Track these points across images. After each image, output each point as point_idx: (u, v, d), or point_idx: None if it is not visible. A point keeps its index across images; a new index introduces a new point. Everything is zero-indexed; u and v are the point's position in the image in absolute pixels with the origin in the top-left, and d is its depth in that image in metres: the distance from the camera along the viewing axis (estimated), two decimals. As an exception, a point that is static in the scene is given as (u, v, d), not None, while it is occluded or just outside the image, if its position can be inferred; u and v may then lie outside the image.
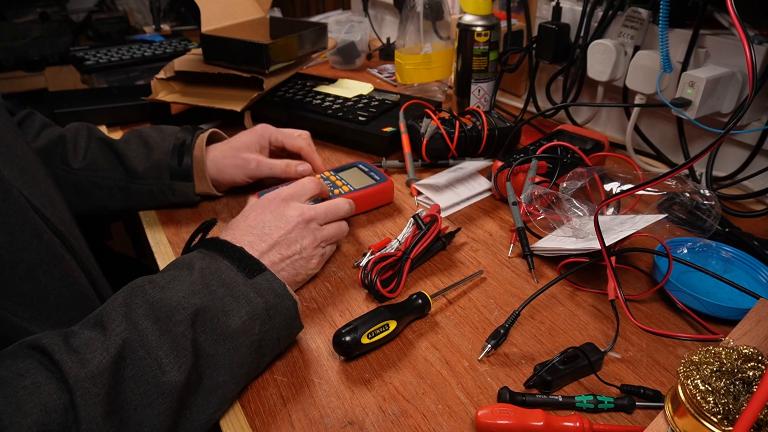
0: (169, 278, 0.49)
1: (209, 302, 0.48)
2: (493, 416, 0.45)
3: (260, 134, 0.79)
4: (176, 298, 0.47)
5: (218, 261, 0.52)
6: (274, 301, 0.51)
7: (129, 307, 0.45)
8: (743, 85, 0.74)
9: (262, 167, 0.76)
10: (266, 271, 0.52)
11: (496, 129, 0.86)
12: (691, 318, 0.57)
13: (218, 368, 0.47)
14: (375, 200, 0.77)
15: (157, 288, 0.47)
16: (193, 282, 0.49)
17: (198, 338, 0.46)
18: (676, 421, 0.37)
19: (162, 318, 0.45)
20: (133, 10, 1.91)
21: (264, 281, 0.51)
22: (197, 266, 0.51)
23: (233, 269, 0.51)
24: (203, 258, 0.52)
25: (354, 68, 1.36)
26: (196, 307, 0.47)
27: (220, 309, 0.48)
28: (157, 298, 0.46)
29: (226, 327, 0.48)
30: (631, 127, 0.86)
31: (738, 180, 0.79)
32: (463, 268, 0.66)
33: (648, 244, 0.67)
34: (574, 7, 0.94)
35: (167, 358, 0.44)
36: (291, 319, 0.52)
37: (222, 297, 0.49)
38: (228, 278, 0.50)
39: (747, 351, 0.37)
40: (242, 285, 0.50)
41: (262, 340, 0.50)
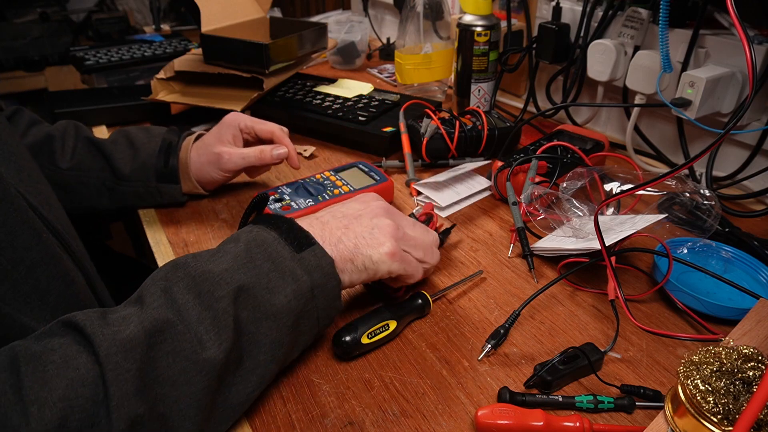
0: (215, 251, 0.48)
1: (253, 278, 0.46)
2: (493, 416, 0.45)
3: (229, 123, 0.76)
4: (218, 271, 0.45)
5: (265, 232, 0.50)
6: (320, 280, 0.49)
7: (169, 281, 0.44)
8: (743, 85, 0.74)
9: (234, 158, 0.73)
10: (315, 245, 0.50)
11: (496, 129, 0.86)
12: (691, 318, 0.57)
13: (259, 346, 0.46)
14: (375, 200, 0.77)
15: (200, 261, 0.46)
16: (238, 255, 0.47)
17: (240, 315, 0.45)
18: (676, 421, 0.37)
19: (203, 292, 0.44)
20: (133, 10, 1.91)
21: (312, 257, 0.49)
22: (243, 239, 0.49)
23: (281, 241, 0.49)
24: (251, 230, 0.50)
25: (354, 68, 1.36)
26: (240, 282, 0.45)
27: (265, 285, 0.46)
28: (199, 272, 0.45)
29: (270, 305, 0.46)
30: (631, 127, 0.86)
31: (738, 180, 0.79)
32: (463, 268, 0.66)
33: (648, 244, 0.67)
34: (574, 7, 0.94)
35: (207, 334, 0.42)
36: (333, 299, 0.51)
37: (267, 272, 0.47)
38: (274, 251, 0.48)
39: (747, 351, 0.37)
40: (289, 260, 0.48)
41: (302, 318, 0.48)
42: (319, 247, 0.50)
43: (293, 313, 0.47)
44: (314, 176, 0.78)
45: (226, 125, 0.76)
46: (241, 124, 0.76)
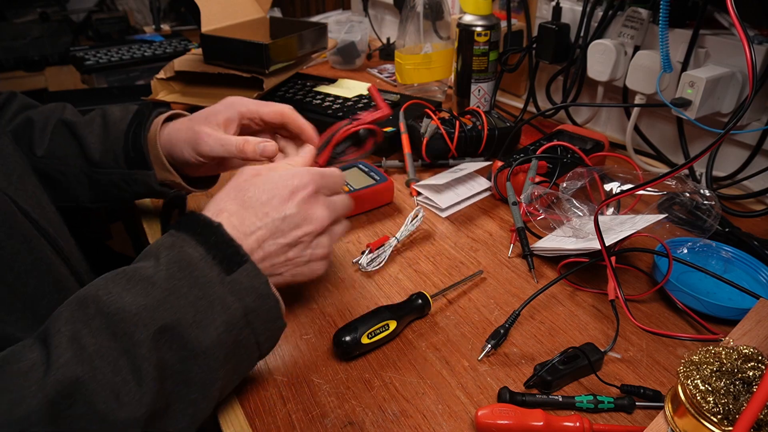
0: (131, 275, 0.41)
1: (178, 313, 0.40)
2: (493, 416, 0.45)
3: (226, 105, 0.63)
4: (136, 309, 0.39)
5: (190, 248, 0.43)
6: (254, 304, 0.44)
7: (78, 322, 0.38)
8: (743, 85, 0.74)
9: (211, 142, 0.60)
10: (247, 262, 0.44)
11: (496, 129, 0.86)
12: (691, 318, 0.57)
13: (189, 386, 0.41)
14: (375, 200, 0.77)
15: (114, 294, 0.39)
16: (157, 283, 0.41)
17: (164, 357, 0.39)
18: (676, 421, 0.37)
19: (120, 334, 0.38)
20: (133, 10, 1.91)
21: (245, 277, 0.44)
22: (164, 259, 0.42)
23: (208, 260, 0.43)
24: (173, 245, 0.44)
25: (354, 68, 1.36)
26: (163, 322, 0.39)
27: (191, 320, 0.41)
28: (113, 309, 0.39)
29: (198, 342, 0.41)
30: (631, 127, 0.86)
31: (738, 180, 0.79)
32: (463, 268, 0.66)
33: (648, 244, 0.67)
34: (574, 7, 0.94)
35: (126, 386, 0.37)
36: (273, 321, 0.46)
37: (194, 302, 0.41)
38: (201, 275, 0.42)
39: (747, 351, 0.37)
40: (218, 285, 0.42)
41: (238, 347, 0.44)
42: (251, 265, 0.44)
43: (226, 345, 0.42)
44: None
45: (223, 106, 0.64)
46: (243, 108, 0.63)
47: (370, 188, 0.76)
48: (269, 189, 0.48)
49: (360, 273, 0.66)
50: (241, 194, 0.48)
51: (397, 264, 0.67)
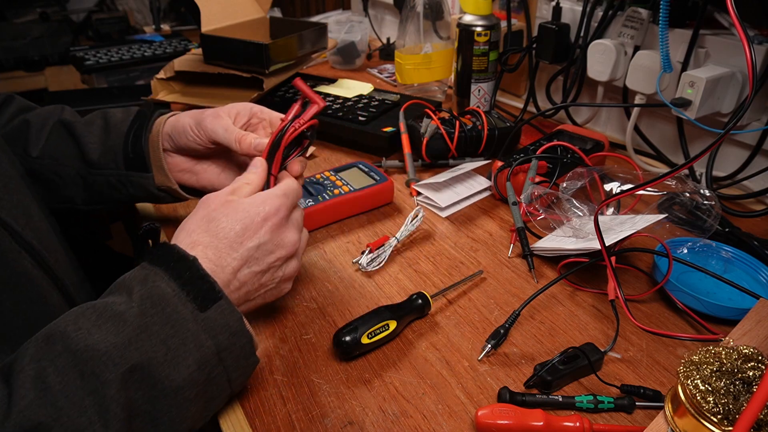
0: (101, 311, 0.40)
1: (149, 353, 0.39)
2: (493, 416, 0.45)
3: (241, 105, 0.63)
4: (105, 347, 0.38)
5: (163, 283, 0.43)
6: (227, 341, 0.43)
7: (43, 360, 0.37)
8: (743, 85, 0.74)
9: (216, 126, 0.59)
10: (222, 299, 0.44)
11: (496, 129, 0.86)
12: (691, 318, 0.57)
13: (157, 425, 0.40)
14: (375, 200, 0.77)
15: (82, 331, 0.38)
16: (130, 321, 0.40)
17: (133, 397, 0.39)
18: (676, 421, 0.37)
19: (87, 373, 0.37)
20: (133, 10, 1.91)
21: (219, 315, 0.43)
22: (136, 294, 0.42)
23: (182, 297, 0.42)
24: (146, 280, 0.43)
25: (354, 68, 1.36)
26: (133, 362, 0.38)
27: (162, 359, 0.40)
28: (81, 347, 0.37)
29: (168, 381, 0.40)
30: (631, 127, 0.86)
31: (738, 180, 0.79)
32: (463, 268, 0.66)
33: (648, 244, 0.67)
34: (574, 7, 0.94)
35: (92, 428, 0.36)
36: (245, 357, 0.46)
37: (166, 340, 0.40)
38: (174, 312, 0.42)
39: (747, 351, 0.37)
40: (191, 323, 0.42)
41: (210, 384, 0.43)
42: (226, 302, 0.44)
43: (197, 384, 0.42)
44: (314, 176, 0.78)
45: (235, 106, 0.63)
46: (255, 108, 0.64)
47: (370, 188, 0.76)
48: (241, 218, 0.48)
49: (360, 273, 0.66)
50: (213, 225, 0.48)
51: (397, 264, 0.67)
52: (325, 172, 0.79)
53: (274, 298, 0.53)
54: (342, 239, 0.72)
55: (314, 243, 0.71)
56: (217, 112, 0.61)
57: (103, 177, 0.65)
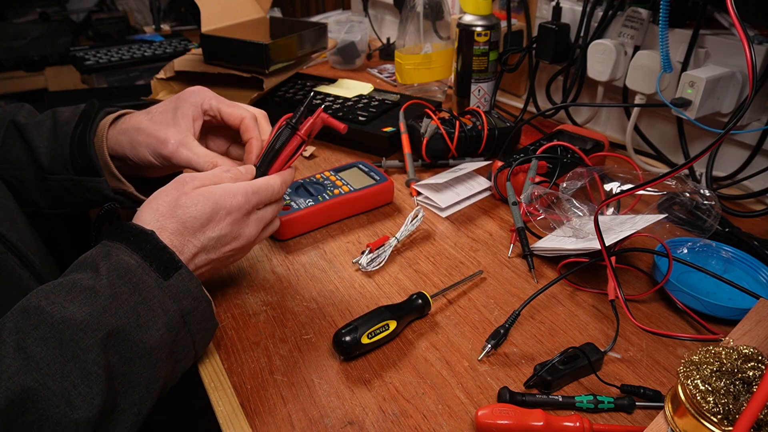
0: (70, 287, 0.42)
1: (122, 319, 0.42)
2: (493, 416, 0.45)
3: (190, 100, 0.59)
4: (82, 317, 0.40)
5: (127, 256, 0.45)
6: (189, 305, 0.47)
7: (22, 332, 0.39)
8: (743, 85, 0.74)
9: (179, 156, 0.57)
10: (182, 268, 0.47)
11: (496, 129, 0.86)
12: (691, 318, 0.57)
13: (133, 386, 0.43)
14: (375, 200, 0.77)
15: (56, 305, 0.40)
16: (101, 292, 0.42)
17: (111, 360, 0.41)
18: (676, 421, 0.37)
19: (66, 341, 0.39)
20: (133, 10, 1.91)
21: (180, 282, 0.46)
22: (103, 268, 0.44)
23: (145, 267, 0.45)
24: (109, 254, 0.45)
25: (354, 68, 1.36)
26: (109, 328, 0.41)
27: (134, 324, 0.43)
28: (58, 318, 0.39)
29: (142, 344, 0.43)
30: (631, 127, 0.86)
31: (738, 180, 0.79)
32: (463, 268, 0.66)
33: (648, 244, 0.67)
34: (574, 7, 0.94)
35: (76, 390, 0.38)
36: (206, 320, 0.49)
37: (135, 307, 0.43)
38: (140, 282, 0.44)
39: (747, 351, 0.37)
40: (157, 290, 0.45)
41: (175, 347, 0.46)
42: (186, 271, 0.47)
43: (166, 345, 0.45)
44: (314, 176, 0.78)
45: (186, 102, 0.59)
46: (205, 103, 0.60)
47: (370, 188, 0.76)
48: (209, 211, 0.50)
49: (360, 273, 0.66)
50: (181, 212, 0.49)
51: (397, 264, 0.67)
52: (325, 172, 0.79)
53: None
54: (342, 239, 0.72)
55: (314, 243, 0.71)
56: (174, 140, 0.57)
57: (58, 182, 0.63)
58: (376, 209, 0.78)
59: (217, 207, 0.50)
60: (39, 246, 0.59)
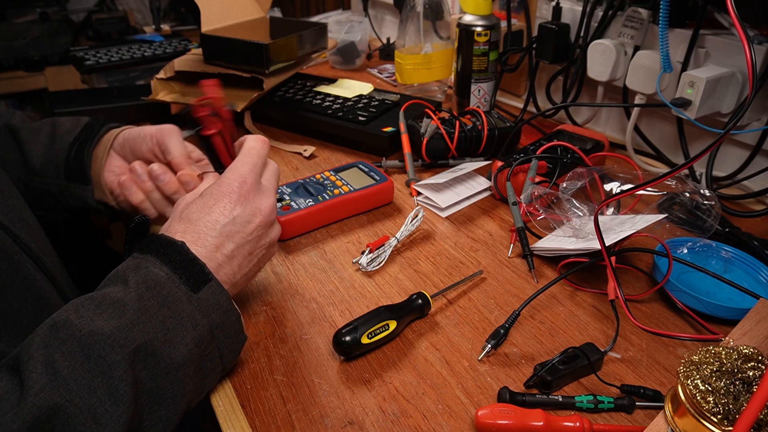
0: (100, 301, 0.42)
1: (150, 333, 0.41)
2: (493, 416, 0.45)
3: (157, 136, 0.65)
4: (109, 331, 0.40)
5: (156, 268, 0.45)
6: (219, 319, 0.46)
7: (50, 347, 0.38)
8: (743, 85, 0.74)
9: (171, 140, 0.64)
10: (212, 281, 0.46)
11: (496, 129, 0.86)
12: (691, 318, 0.57)
13: (160, 402, 0.42)
14: (375, 200, 0.77)
15: (85, 318, 0.40)
16: (129, 305, 0.42)
17: (138, 376, 0.40)
18: (676, 421, 0.37)
19: (94, 356, 0.39)
20: (133, 10, 1.91)
21: (210, 295, 0.45)
22: (132, 281, 0.43)
23: (175, 280, 0.44)
24: (138, 267, 0.45)
25: (354, 68, 1.36)
26: (136, 343, 0.40)
27: (163, 338, 0.42)
28: (86, 332, 0.39)
29: (170, 360, 0.42)
30: (631, 127, 0.86)
31: (738, 180, 0.79)
32: (463, 268, 0.66)
33: (648, 244, 0.67)
34: (574, 7, 0.94)
35: (103, 407, 0.38)
36: (235, 335, 0.48)
37: (164, 321, 0.43)
38: (169, 294, 0.44)
39: (747, 351, 0.37)
40: (186, 303, 0.44)
41: (204, 360, 0.45)
42: (216, 283, 0.46)
43: (194, 360, 0.44)
44: (314, 176, 0.78)
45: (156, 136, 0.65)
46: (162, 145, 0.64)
47: (370, 188, 0.76)
48: (210, 202, 0.50)
49: (360, 273, 0.66)
50: (186, 214, 0.49)
51: (397, 264, 0.67)
52: (325, 172, 0.79)
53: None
54: (342, 239, 0.72)
55: (314, 243, 0.71)
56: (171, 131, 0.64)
57: (44, 185, 0.65)
58: (376, 209, 0.78)
59: (221, 192, 0.50)
60: (49, 248, 0.59)
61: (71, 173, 0.64)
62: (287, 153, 0.94)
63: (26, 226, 0.55)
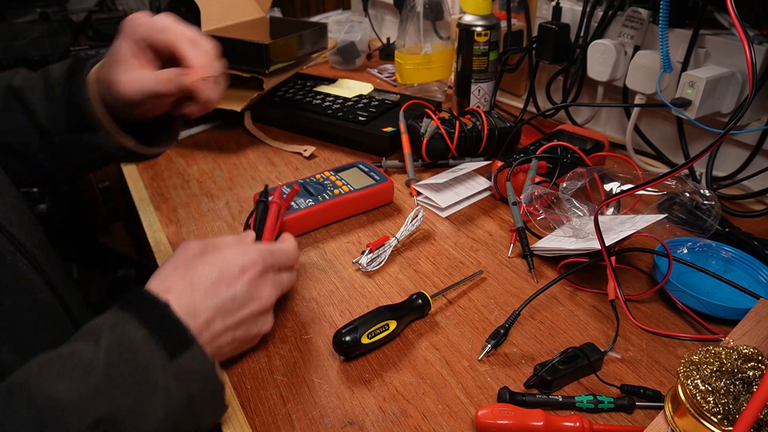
0: (65, 358, 0.38)
1: (116, 402, 0.37)
2: (493, 416, 0.45)
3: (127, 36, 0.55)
4: (70, 400, 0.36)
5: (133, 329, 0.41)
6: (197, 388, 0.42)
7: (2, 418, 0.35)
8: (743, 85, 0.74)
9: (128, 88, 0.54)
10: (193, 345, 0.42)
11: (496, 129, 0.86)
12: (691, 318, 0.57)
13: None
14: (375, 200, 0.77)
15: (46, 381, 0.36)
16: (96, 369, 0.38)
17: None
18: (676, 421, 0.37)
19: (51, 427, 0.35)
20: (133, 10, 1.91)
21: (190, 362, 0.41)
22: (104, 341, 0.39)
23: (152, 343, 0.40)
24: (115, 326, 0.41)
25: (354, 68, 1.36)
26: (99, 414, 0.36)
27: (129, 409, 0.38)
28: (44, 400, 0.35)
29: None
30: (631, 127, 0.86)
31: (738, 180, 0.79)
32: (463, 268, 0.66)
33: (648, 244, 0.67)
34: (574, 7, 0.94)
35: None
36: (216, 407, 0.45)
37: (133, 389, 0.38)
38: (143, 360, 0.39)
39: (747, 351, 0.37)
40: (161, 370, 0.40)
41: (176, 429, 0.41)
42: (198, 349, 0.42)
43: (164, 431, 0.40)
44: (314, 176, 0.78)
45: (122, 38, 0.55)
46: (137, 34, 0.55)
47: (370, 188, 0.76)
48: (219, 268, 0.48)
49: (360, 273, 0.66)
50: (190, 272, 0.47)
51: (397, 264, 0.67)
52: (325, 172, 0.79)
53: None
54: (342, 239, 0.72)
55: (314, 243, 0.71)
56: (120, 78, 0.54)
57: (60, 143, 0.59)
58: (376, 209, 0.78)
59: (229, 264, 0.48)
60: (46, 247, 0.57)
61: (74, 124, 0.57)
62: (287, 153, 0.94)
63: (23, 224, 0.53)
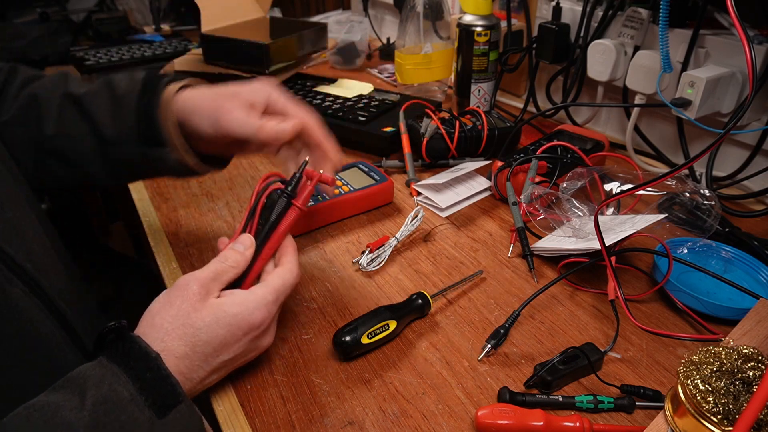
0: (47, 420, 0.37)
1: None
2: (493, 416, 0.45)
3: (257, 88, 0.58)
4: None
5: (120, 386, 0.39)
6: None
7: None
8: (743, 85, 0.74)
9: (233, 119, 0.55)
10: (182, 402, 0.41)
11: (496, 129, 0.86)
12: (691, 318, 0.57)
13: None
14: (375, 200, 0.77)
15: None
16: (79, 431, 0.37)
17: None
18: (676, 421, 0.37)
19: None
20: (133, 10, 1.91)
21: (178, 420, 0.40)
22: (90, 398, 0.38)
23: (139, 402, 0.39)
24: (102, 381, 0.39)
25: (354, 68, 1.36)
26: None
27: None
28: None
29: None
30: (631, 127, 0.86)
31: (738, 180, 0.79)
32: (463, 268, 0.66)
33: (648, 244, 0.67)
34: (574, 7, 0.94)
35: None
36: None
37: None
38: (129, 420, 0.38)
39: (747, 351, 0.37)
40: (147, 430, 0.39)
41: None
42: (187, 406, 0.41)
43: None
44: None
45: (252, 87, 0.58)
46: (272, 97, 0.58)
47: (370, 188, 0.76)
48: (223, 334, 0.46)
49: (360, 273, 0.66)
50: (191, 332, 0.44)
51: (397, 264, 0.67)
52: (325, 172, 0.79)
53: None
54: (342, 239, 0.72)
55: (314, 243, 0.71)
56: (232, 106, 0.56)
57: (122, 154, 0.60)
58: (376, 209, 0.78)
59: (233, 329, 0.46)
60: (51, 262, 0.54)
61: (146, 138, 0.58)
62: (287, 153, 0.94)
63: (24, 242, 0.50)
